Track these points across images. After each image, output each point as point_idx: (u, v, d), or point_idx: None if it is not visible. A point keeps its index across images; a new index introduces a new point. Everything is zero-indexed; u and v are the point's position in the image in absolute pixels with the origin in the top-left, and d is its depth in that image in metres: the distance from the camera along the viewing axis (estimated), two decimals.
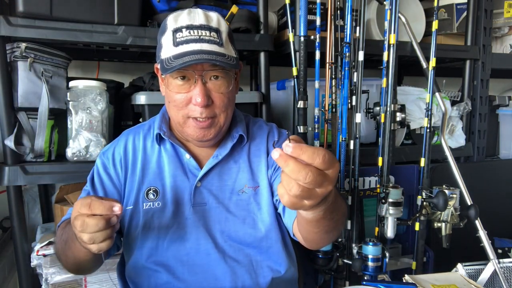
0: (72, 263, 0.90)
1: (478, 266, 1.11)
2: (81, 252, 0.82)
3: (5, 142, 1.21)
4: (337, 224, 0.82)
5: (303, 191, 0.57)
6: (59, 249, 0.93)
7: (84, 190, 1.01)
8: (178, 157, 1.00)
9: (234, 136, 1.01)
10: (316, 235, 0.84)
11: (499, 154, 2.09)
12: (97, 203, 0.71)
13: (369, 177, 1.57)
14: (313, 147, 0.57)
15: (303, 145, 0.56)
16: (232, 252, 0.97)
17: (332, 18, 1.44)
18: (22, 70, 1.22)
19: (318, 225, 0.78)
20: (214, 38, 0.90)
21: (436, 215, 1.36)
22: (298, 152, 0.55)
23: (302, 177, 0.55)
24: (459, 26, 1.82)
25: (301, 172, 0.55)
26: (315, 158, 0.56)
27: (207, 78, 0.90)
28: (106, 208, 0.71)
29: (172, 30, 0.90)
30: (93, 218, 0.71)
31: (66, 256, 0.89)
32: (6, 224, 1.58)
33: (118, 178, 1.00)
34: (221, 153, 1.00)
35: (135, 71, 1.88)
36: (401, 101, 1.52)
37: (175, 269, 0.95)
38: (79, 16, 1.25)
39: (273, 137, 1.07)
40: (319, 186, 0.58)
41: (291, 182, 0.57)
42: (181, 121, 0.93)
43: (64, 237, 0.89)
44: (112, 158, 1.01)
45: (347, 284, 1.42)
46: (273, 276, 0.98)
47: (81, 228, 0.71)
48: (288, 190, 0.57)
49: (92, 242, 0.72)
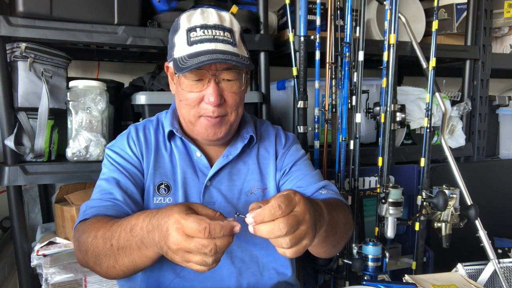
0: (124, 270, 0.79)
1: (478, 266, 1.11)
2: (146, 260, 0.75)
3: (5, 142, 1.21)
4: (342, 235, 0.85)
5: (292, 239, 0.63)
6: (100, 253, 0.79)
7: (103, 183, 0.94)
8: (188, 154, 1.00)
9: (245, 137, 1.02)
10: (325, 252, 0.90)
11: (499, 154, 2.09)
12: (217, 227, 0.62)
13: (369, 177, 1.57)
14: (268, 204, 0.63)
15: (260, 211, 0.62)
16: (239, 252, 0.96)
17: (332, 18, 1.44)
18: (22, 70, 1.22)
19: (324, 245, 0.83)
20: (228, 38, 0.90)
21: (436, 215, 1.36)
22: (260, 219, 0.62)
23: (279, 232, 0.62)
24: (459, 26, 1.82)
25: (275, 230, 0.62)
26: (274, 214, 0.62)
27: (220, 78, 0.90)
28: (228, 231, 0.63)
29: (186, 30, 0.90)
30: (220, 240, 0.62)
31: (116, 261, 0.77)
32: (6, 224, 1.58)
33: (137, 158, 0.98)
34: (232, 153, 1.00)
35: (135, 71, 1.88)
36: (401, 101, 1.52)
37: (180, 268, 0.94)
38: (79, 16, 1.25)
39: (281, 140, 1.08)
40: (298, 225, 0.64)
41: (277, 241, 0.64)
42: (192, 119, 0.93)
43: (119, 243, 0.75)
44: (128, 144, 0.99)
45: (347, 284, 1.42)
46: (279, 279, 0.98)
47: (197, 251, 0.62)
48: (281, 246, 0.64)
49: (204, 264, 0.64)
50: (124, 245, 0.74)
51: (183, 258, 0.64)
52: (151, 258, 0.74)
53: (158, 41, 1.34)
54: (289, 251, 0.65)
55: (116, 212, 0.88)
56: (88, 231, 0.82)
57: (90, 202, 0.92)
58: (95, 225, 0.82)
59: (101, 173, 0.99)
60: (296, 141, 1.12)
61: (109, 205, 0.90)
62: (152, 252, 0.72)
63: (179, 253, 0.64)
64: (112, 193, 0.92)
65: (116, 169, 0.96)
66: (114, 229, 0.76)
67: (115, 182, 0.93)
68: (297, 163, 1.04)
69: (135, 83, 1.61)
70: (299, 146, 1.10)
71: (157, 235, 0.67)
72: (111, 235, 0.77)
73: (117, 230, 0.76)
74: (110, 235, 0.77)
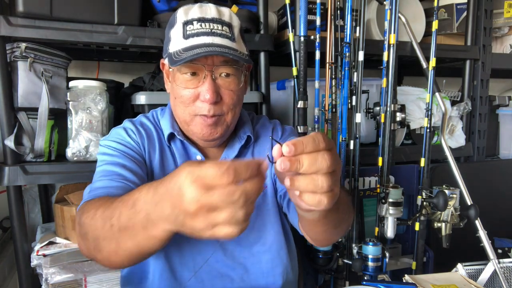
0: (128, 255, 0.66)
1: (478, 266, 1.11)
2: (154, 242, 0.61)
3: (5, 142, 1.21)
4: (343, 215, 0.77)
5: (332, 178, 0.52)
6: (99, 235, 0.67)
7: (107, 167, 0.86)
8: (188, 157, 0.96)
9: (242, 137, 0.99)
10: (325, 232, 0.79)
11: (499, 154, 2.09)
12: (241, 165, 0.49)
13: (369, 177, 1.57)
14: (305, 137, 0.52)
15: (300, 139, 0.51)
16: (242, 258, 0.95)
17: (332, 18, 1.44)
18: (22, 70, 1.22)
19: (325, 222, 0.72)
20: (226, 33, 0.87)
21: (436, 215, 1.36)
22: (301, 148, 0.50)
23: (325, 163, 0.50)
24: (459, 26, 1.82)
25: (319, 161, 0.50)
26: (318, 145, 0.51)
27: (217, 74, 0.86)
28: (255, 169, 0.50)
29: (183, 23, 0.87)
30: (249, 183, 0.49)
31: (118, 245, 0.64)
32: (6, 224, 1.58)
33: (138, 147, 0.92)
34: (229, 155, 0.97)
35: (135, 71, 1.88)
36: (401, 101, 1.52)
37: (181, 275, 0.92)
38: (79, 16, 1.25)
39: (277, 132, 1.05)
40: (337, 164, 0.53)
41: (317, 179, 0.51)
42: (187, 119, 0.90)
43: (119, 223, 0.63)
44: (127, 134, 0.92)
45: (347, 284, 1.42)
46: (283, 280, 0.97)
47: (224, 204, 0.49)
48: (320, 188, 0.51)
49: (235, 221, 0.50)
50: (126, 225, 0.61)
51: (206, 221, 0.50)
52: (160, 239, 0.60)
53: (158, 41, 1.34)
54: (326, 195, 0.52)
55: (127, 193, 0.74)
56: (87, 210, 0.71)
57: (95, 183, 0.83)
58: (96, 204, 0.71)
59: (98, 162, 0.90)
60: (293, 133, 1.08)
61: (119, 185, 0.80)
62: (160, 230, 0.58)
63: (201, 216, 0.50)
64: (120, 174, 0.82)
65: (119, 155, 0.88)
66: (115, 206, 0.64)
67: (121, 165, 0.85)
68: None
69: (135, 83, 1.61)
70: (296, 138, 1.07)
71: (167, 203, 0.54)
72: (111, 213, 0.64)
73: (117, 207, 0.64)
74: (110, 213, 0.64)
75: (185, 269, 0.92)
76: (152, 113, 1.03)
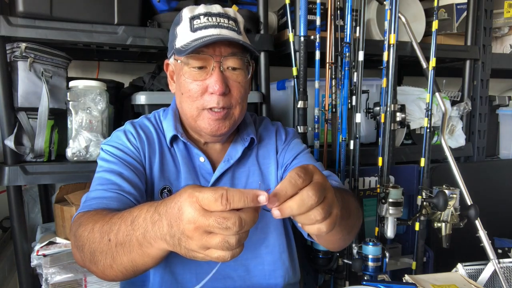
0: (123, 270, 0.68)
1: (478, 266, 1.11)
2: (147, 260, 0.64)
3: (5, 142, 1.21)
4: (354, 221, 0.80)
5: (324, 207, 0.56)
6: (96, 249, 0.68)
7: (103, 174, 0.87)
8: (190, 158, 0.96)
9: (246, 139, 0.99)
10: (340, 240, 0.82)
11: (499, 154, 2.09)
12: (236, 193, 0.51)
13: (369, 177, 1.57)
14: (286, 178, 0.54)
15: (279, 186, 0.54)
16: (244, 260, 0.95)
17: (332, 18, 1.44)
18: (22, 70, 1.22)
19: (340, 230, 0.75)
20: (233, 26, 0.89)
21: (436, 215, 1.36)
22: (283, 193, 0.53)
23: (310, 201, 0.54)
24: (459, 26, 1.82)
25: (305, 200, 0.53)
26: (296, 183, 0.54)
27: (225, 66, 0.87)
28: (250, 199, 0.51)
29: (189, 18, 0.88)
30: (244, 213, 0.51)
31: (113, 259, 0.66)
32: (6, 224, 1.58)
33: (137, 152, 0.92)
34: (232, 157, 0.97)
35: (135, 71, 1.88)
36: (401, 101, 1.52)
37: (183, 277, 0.91)
38: (79, 16, 1.25)
39: (281, 135, 1.05)
40: (324, 191, 0.56)
41: (309, 216, 0.55)
42: (194, 113, 0.89)
43: (117, 238, 0.64)
44: (126, 138, 0.93)
45: (347, 284, 1.42)
46: (284, 282, 0.97)
47: (217, 229, 0.51)
48: (315, 220, 0.55)
49: (227, 247, 0.52)
50: (123, 241, 0.63)
51: (200, 242, 0.52)
52: (153, 258, 0.63)
53: (158, 41, 1.34)
54: (324, 224, 0.56)
55: (121, 204, 0.80)
56: (85, 223, 0.72)
57: (91, 193, 0.85)
58: (94, 217, 0.72)
59: (98, 168, 0.92)
60: (296, 135, 1.09)
61: (113, 196, 0.82)
62: (156, 249, 0.60)
63: (196, 236, 0.52)
64: (116, 184, 0.84)
65: (117, 162, 0.89)
66: (114, 222, 0.66)
67: (117, 173, 0.87)
68: (298, 156, 1.01)
69: (135, 83, 1.61)
70: (299, 140, 1.08)
71: (165, 223, 0.56)
72: (109, 228, 0.66)
73: (116, 223, 0.65)
74: (108, 228, 0.66)
75: (186, 271, 0.92)
76: (154, 114, 1.03)
